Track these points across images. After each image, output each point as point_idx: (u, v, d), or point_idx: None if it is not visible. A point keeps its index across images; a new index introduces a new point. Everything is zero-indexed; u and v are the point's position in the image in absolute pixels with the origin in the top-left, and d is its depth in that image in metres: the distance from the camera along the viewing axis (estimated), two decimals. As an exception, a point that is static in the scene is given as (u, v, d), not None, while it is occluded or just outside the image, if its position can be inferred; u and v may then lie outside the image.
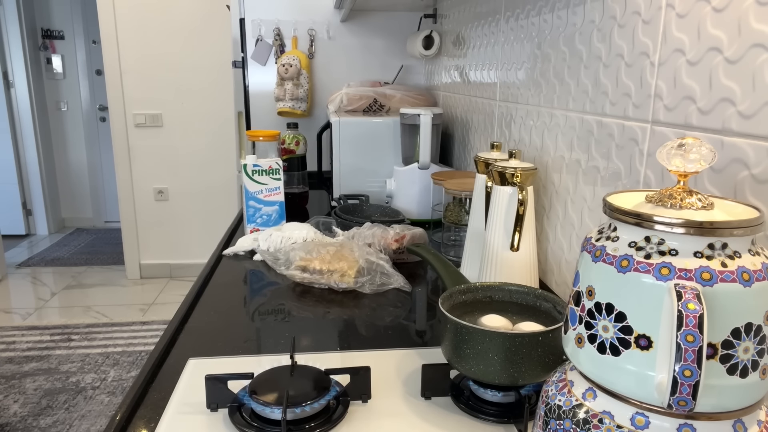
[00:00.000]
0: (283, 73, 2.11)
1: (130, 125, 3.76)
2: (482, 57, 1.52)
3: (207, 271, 1.23)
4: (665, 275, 0.43)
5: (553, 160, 1.08)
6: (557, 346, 0.69)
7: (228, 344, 0.93)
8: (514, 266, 0.98)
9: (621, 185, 0.85)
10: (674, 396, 0.41)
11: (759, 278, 0.43)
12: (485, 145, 1.51)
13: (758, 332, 0.43)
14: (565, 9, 1.02)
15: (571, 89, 1.01)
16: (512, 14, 1.29)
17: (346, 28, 2.25)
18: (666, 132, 0.75)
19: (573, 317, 0.50)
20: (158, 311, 3.46)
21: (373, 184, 1.74)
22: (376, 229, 1.26)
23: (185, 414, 0.72)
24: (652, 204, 0.47)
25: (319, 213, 1.72)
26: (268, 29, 2.21)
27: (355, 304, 1.08)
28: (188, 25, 3.67)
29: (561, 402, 0.51)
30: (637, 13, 0.80)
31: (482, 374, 0.70)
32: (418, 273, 1.23)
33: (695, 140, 0.47)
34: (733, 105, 0.63)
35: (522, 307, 0.80)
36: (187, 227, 3.98)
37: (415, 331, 1.00)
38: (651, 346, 0.44)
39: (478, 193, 1.10)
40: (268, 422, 0.67)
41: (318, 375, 0.73)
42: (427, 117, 1.51)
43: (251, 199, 1.38)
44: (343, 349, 0.91)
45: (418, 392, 0.75)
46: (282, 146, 1.86)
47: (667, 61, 0.74)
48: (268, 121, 2.24)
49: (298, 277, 1.15)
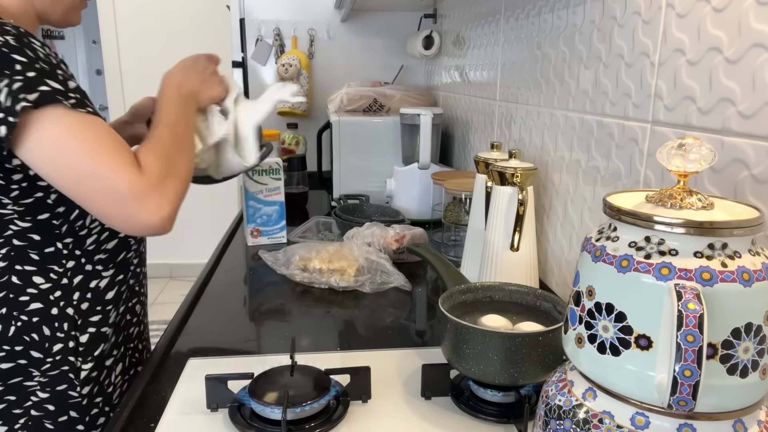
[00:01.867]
0: (283, 73, 2.11)
1: (130, 125, 3.75)
2: (482, 57, 1.52)
3: (207, 271, 1.23)
4: (665, 275, 0.43)
5: (553, 160, 1.08)
6: (557, 346, 0.68)
7: (228, 344, 0.93)
8: (514, 266, 0.98)
9: (621, 185, 0.85)
10: (674, 396, 0.41)
11: (759, 278, 0.43)
12: (485, 145, 1.51)
13: (758, 332, 0.43)
14: (565, 9, 1.02)
15: (571, 89, 1.01)
16: (512, 14, 1.29)
17: (346, 28, 2.25)
18: (666, 132, 0.75)
19: (573, 317, 0.50)
20: (158, 311, 3.45)
21: (373, 184, 1.74)
22: (376, 229, 1.26)
23: (185, 414, 0.71)
24: (652, 204, 0.47)
25: (319, 213, 1.72)
26: (268, 29, 2.21)
27: (355, 305, 1.08)
28: (188, 25, 3.67)
29: (561, 402, 0.51)
30: (637, 13, 0.80)
31: (482, 374, 0.70)
32: (418, 273, 1.23)
33: (695, 140, 0.47)
34: (733, 105, 0.63)
35: (522, 307, 0.80)
36: (187, 227, 3.97)
37: (415, 331, 1.00)
38: (651, 346, 0.44)
39: (478, 193, 1.10)
40: (268, 422, 0.67)
41: (318, 375, 0.73)
42: (427, 117, 1.51)
43: (251, 199, 1.38)
44: (343, 349, 0.91)
45: (418, 392, 0.75)
46: (282, 146, 1.86)
47: (667, 61, 0.74)
48: (268, 121, 2.24)
49: (298, 276, 1.15)
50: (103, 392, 0.87)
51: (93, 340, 0.84)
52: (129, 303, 0.91)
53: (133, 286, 0.92)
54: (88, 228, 0.83)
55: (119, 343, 0.89)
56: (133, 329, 0.93)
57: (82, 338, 0.83)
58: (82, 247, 0.82)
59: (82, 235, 0.82)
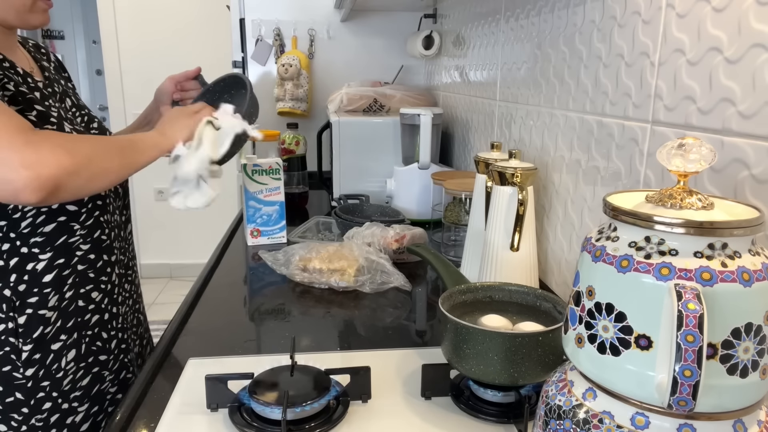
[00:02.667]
0: (283, 73, 2.11)
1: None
2: (482, 57, 1.52)
3: (207, 271, 1.23)
4: (665, 275, 0.43)
5: (553, 160, 1.08)
6: (557, 346, 0.69)
7: (228, 344, 0.93)
8: (514, 266, 0.98)
9: (621, 185, 0.85)
10: (674, 396, 0.41)
11: (759, 278, 0.43)
12: (485, 145, 1.51)
13: (758, 332, 0.43)
14: (566, 9, 1.02)
15: (571, 89, 1.01)
16: (512, 14, 1.29)
17: (346, 28, 2.25)
18: (666, 132, 0.75)
19: (573, 317, 0.50)
20: (158, 311, 3.46)
21: (373, 184, 1.74)
22: (376, 229, 1.26)
23: (185, 414, 0.72)
24: (652, 204, 0.47)
25: (319, 213, 1.72)
26: (268, 29, 2.21)
27: (355, 304, 1.08)
28: (188, 25, 3.67)
29: (561, 402, 0.51)
30: (637, 13, 0.80)
31: (482, 374, 0.70)
32: (418, 273, 1.23)
33: (695, 140, 0.47)
34: (733, 105, 0.63)
35: (522, 307, 0.80)
36: (187, 227, 3.98)
37: (415, 331, 1.00)
38: (651, 346, 0.44)
39: (478, 193, 1.10)
40: (268, 422, 0.67)
41: (318, 375, 0.73)
42: (427, 117, 1.51)
43: (251, 199, 1.38)
44: (343, 349, 0.91)
45: (418, 392, 0.75)
46: (282, 146, 1.86)
47: (667, 61, 0.74)
48: (268, 121, 2.24)
49: (298, 276, 1.15)
50: (51, 377, 0.87)
51: (31, 321, 0.85)
52: (80, 289, 0.90)
53: (85, 272, 0.90)
54: (22, 211, 0.84)
55: (69, 328, 0.89)
56: (90, 317, 0.92)
57: (20, 319, 0.84)
58: (16, 230, 0.83)
59: (15, 218, 0.83)
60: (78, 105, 1.00)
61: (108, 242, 0.95)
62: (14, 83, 0.83)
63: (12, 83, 0.83)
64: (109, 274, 0.95)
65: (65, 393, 0.88)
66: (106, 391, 0.95)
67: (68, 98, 0.98)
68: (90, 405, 0.92)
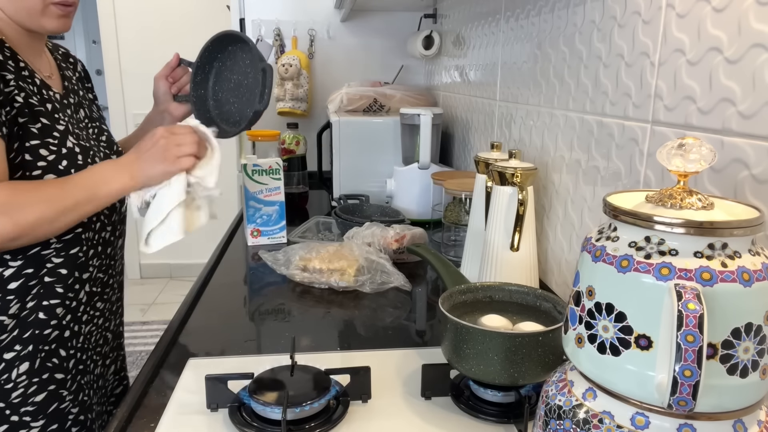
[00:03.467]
0: (283, 73, 2.11)
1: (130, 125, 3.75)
2: (482, 57, 1.52)
3: (207, 271, 1.23)
4: (665, 275, 0.43)
5: (553, 160, 1.08)
6: (557, 346, 0.69)
7: (228, 344, 0.93)
8: (514, 266, 0.98)
9: (621, 185, 0.85)
10: (674, 396, 0.41)
11: (759, 278, 0.43)
12: (485, 145, 1.51)
13: (758, 332, 0.43)
14: (566, 9, 1.02)
15: (571, 89, 1.01)
16: (512, 14, 1.29)
17: (346, 28, 2.25)
18: (666, 132, 0.75)
19: (573, 317, 0.50)
20: (158, 311, 3.46)
21: (373, 184, 1.74)
22: (376, 229, 1.26)
23: (185, 414, 0.72)
24: (652, 204, 0.47)
25: (319, 213, 1.72)
26: (268, 29, 2.21)
27: (355, 305, 1.08)
28: (188, 25, 3.66)
29: (561, 402, 0.51)
30: (637, 13, 0.80)
31: (482, 374, 0.70)
32: (418, 273, 1.23)
33: (695, 140, 0.47)
34: (733, 105, 0.63)
35: (522, 307, 0.80)
36: (187, 227, 3.97)
37: (415, 331, 1.00)
38: (651, 346, 0.44)
39: (478, 193, 1.10)
40: (268, 422, 0.67)
41: (318, 375, 0.73)
42: (427, 117, 1.51)
43: (251, 199, 1.38)
44: (343, 349, 0.91)
45: (418, 392, 0.75)
46: (282, 146, 1.86)
47: (667, 61, 0.74)
48: (268, 121, 2.24)
49: (298, 276, 1.15)
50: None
51: None
52: (43, 301, 0.87)
53: (52, 285, 0.88)
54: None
55: (25, 339, 0.86)
56: (50, 331, 0.88)
57: None
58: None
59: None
60: (91, 117, 1.00)
61: (83, 259, 0.91)
62: (25, 94, 0.83)
63: (23, 94, 0.82)
64: (77, 291, 0.91)
65: (14, 405, 0.85)
66: (68, 411, 0.91)
67: (83, 109, 0.98)
68: (47, 423, 0.88)
